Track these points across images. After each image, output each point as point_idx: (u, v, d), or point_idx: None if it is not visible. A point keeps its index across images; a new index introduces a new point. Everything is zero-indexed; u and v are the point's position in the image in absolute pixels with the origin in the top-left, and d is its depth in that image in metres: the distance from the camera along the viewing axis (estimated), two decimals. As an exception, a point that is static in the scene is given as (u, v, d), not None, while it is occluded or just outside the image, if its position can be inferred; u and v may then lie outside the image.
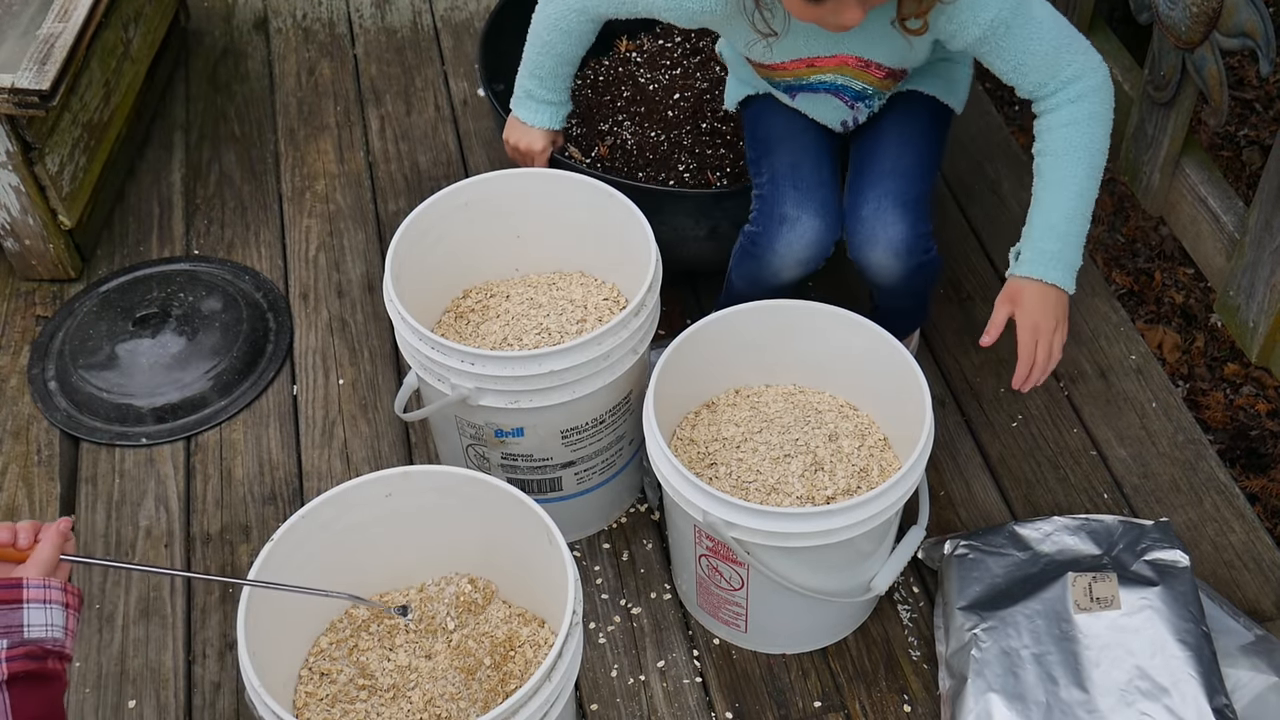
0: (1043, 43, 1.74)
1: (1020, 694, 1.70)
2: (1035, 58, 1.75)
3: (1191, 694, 1.67)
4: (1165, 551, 1.82)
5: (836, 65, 1.85)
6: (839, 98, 1.92)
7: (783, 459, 1.89)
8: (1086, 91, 1.77)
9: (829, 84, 1.89)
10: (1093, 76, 1.77)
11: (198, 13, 3.05)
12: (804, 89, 1.91)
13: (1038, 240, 1.79)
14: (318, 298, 2.45)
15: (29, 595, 1.29)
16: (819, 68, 1.86)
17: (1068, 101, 1.77)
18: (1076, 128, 1.77)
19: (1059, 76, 1.76)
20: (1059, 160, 1.78)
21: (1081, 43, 1.77)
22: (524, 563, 1.71)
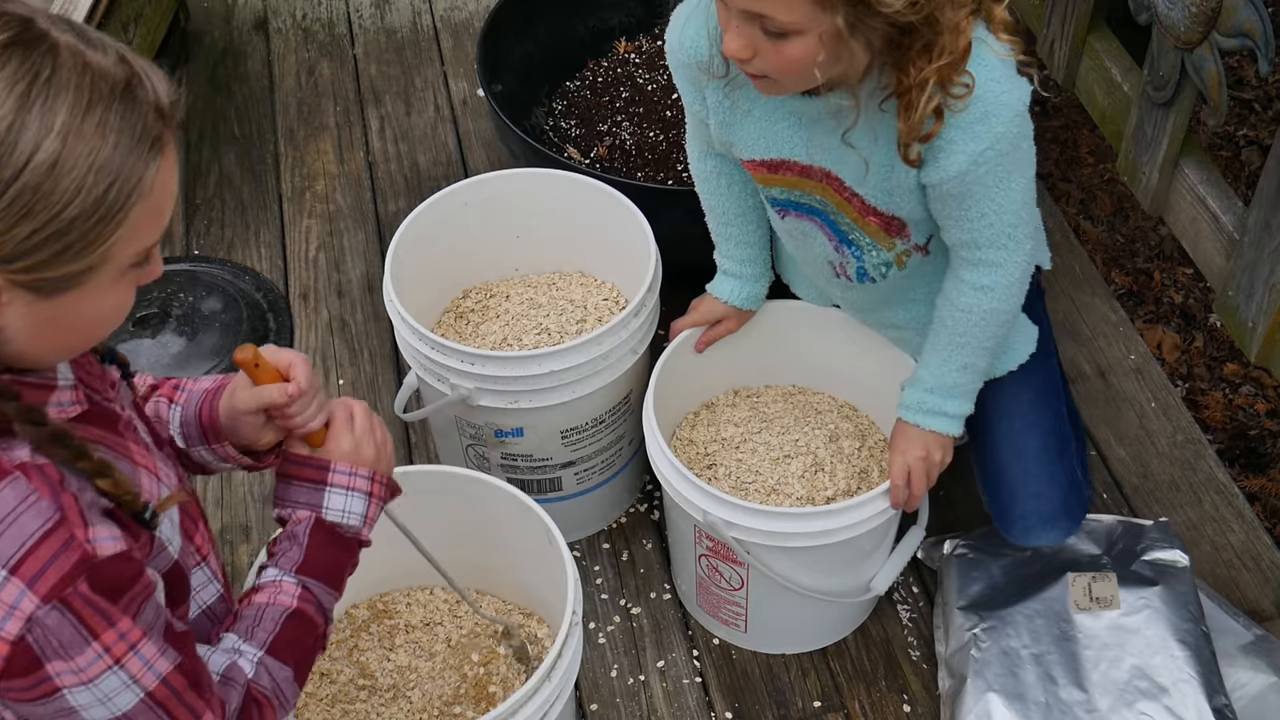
0: (996, 214, 1.58)
1: (1020, 694, 1.70)
2: (978, 222, 1.59)
3: (1191, 694, 1.67)
4: (1165, 551, 1.82)
5: (798, 176, 1.67)
6: (821, 229, 1.73)
7: (783, 460, 1.89)
8: (992, 285, 1.64)
9: (809, 206, 1.71)
10: (1008, 275, 1.64)
11: (197, 13, 3.05)
12: (789, 207, 1.73)
13: (916, 393, 1.74)
14: (318, 298, 2.45)
15: (333, 479, 1.30)
16: (789, 176, 1.68)
17: (973, 291, 1.65)
18: (971, 318, 1.67)
19: (981, 252, 1.62)
20: (947, 336, 1.70)
21: (1021, 233, 1.61)
22: (524, 563, 1.71)
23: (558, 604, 1.57)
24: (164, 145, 1.03)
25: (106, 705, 1.06)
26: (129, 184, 1.00)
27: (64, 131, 0.96)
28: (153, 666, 1.08)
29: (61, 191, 0.97)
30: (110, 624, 1.05)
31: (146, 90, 1.02)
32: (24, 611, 1.01)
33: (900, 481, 1.73)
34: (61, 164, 0.96)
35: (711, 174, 1.84)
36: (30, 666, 1.02)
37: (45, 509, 1.03)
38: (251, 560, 1.75)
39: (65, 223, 0.98)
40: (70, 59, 0.98)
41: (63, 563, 1.02)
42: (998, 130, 1.50)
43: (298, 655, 1.25)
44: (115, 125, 0.98)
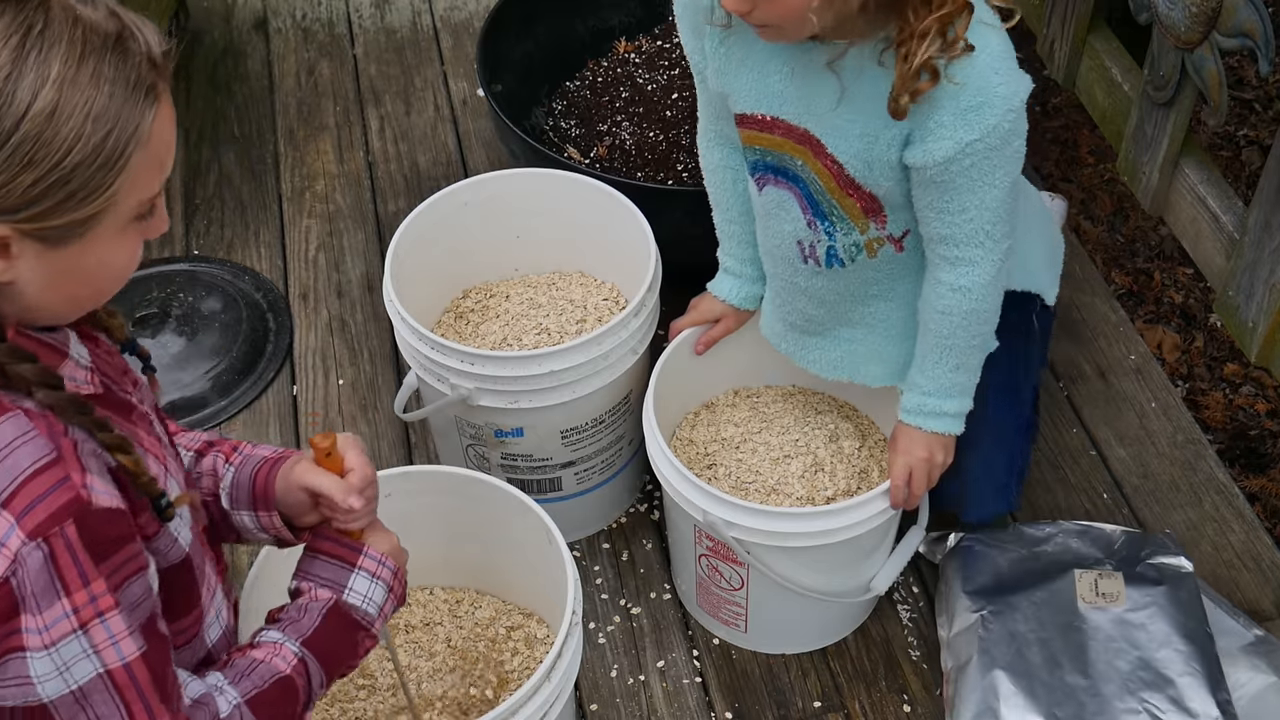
0: (978, 209, 1.57)
1: (1026, 672, 1.70)
2: (959, 216, 1.58)
3: (1195, 687, 1.67)
4: (1169, 558, 1.82)
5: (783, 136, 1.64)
6: (798, 200, 1.69)
7: (783, 459, 1.89)
8: (968, 285, 1.63)
9: (791, 173, 1.67)
10: (984, 273, 1.63)
11: (197, 13, 3.05)
12: (770, 171, 1.70)
13: (914, 394, 1.75)
14: (317, 298, 2.45)
15: (363, 563, 1.31)
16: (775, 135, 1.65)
17: (950, 292, 1.65)
18: (951, 319, 1.67)
19: (958, 250, 1.62)
20: (932, 339, 1.70)
21: (998, 232, 1.60)
22: (524, 563, 1.71)
23: (558, 604, 1.57)
24: (159, 94, 1.04)
25: (64, 676, 1.03)
26: (127, 130, 1.02)
27: (60, 81, 0.98)
28: (118, 643, 1.05)
29: (62, 139, 0.98)
30: (84, 583, 1.02)
31: (139, 42, 1.03)
32: (10, 549, 0.99)
33: (901, 482, 1.73)
34: (60, 112, 0.98)
35: (719, 166, 1.83)
36: (7, 614, 1.00)
37: (42, 445, 1.02)
38: (251, 560, 1.75)
39: (68, 170, 0.99)
40: (61, 13, 0.99)
41: (53, 500, 1.01)
42: (990, 122, 1.49)
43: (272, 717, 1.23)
44: (109, 75, 1.00)
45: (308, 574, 1.31)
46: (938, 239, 1.62)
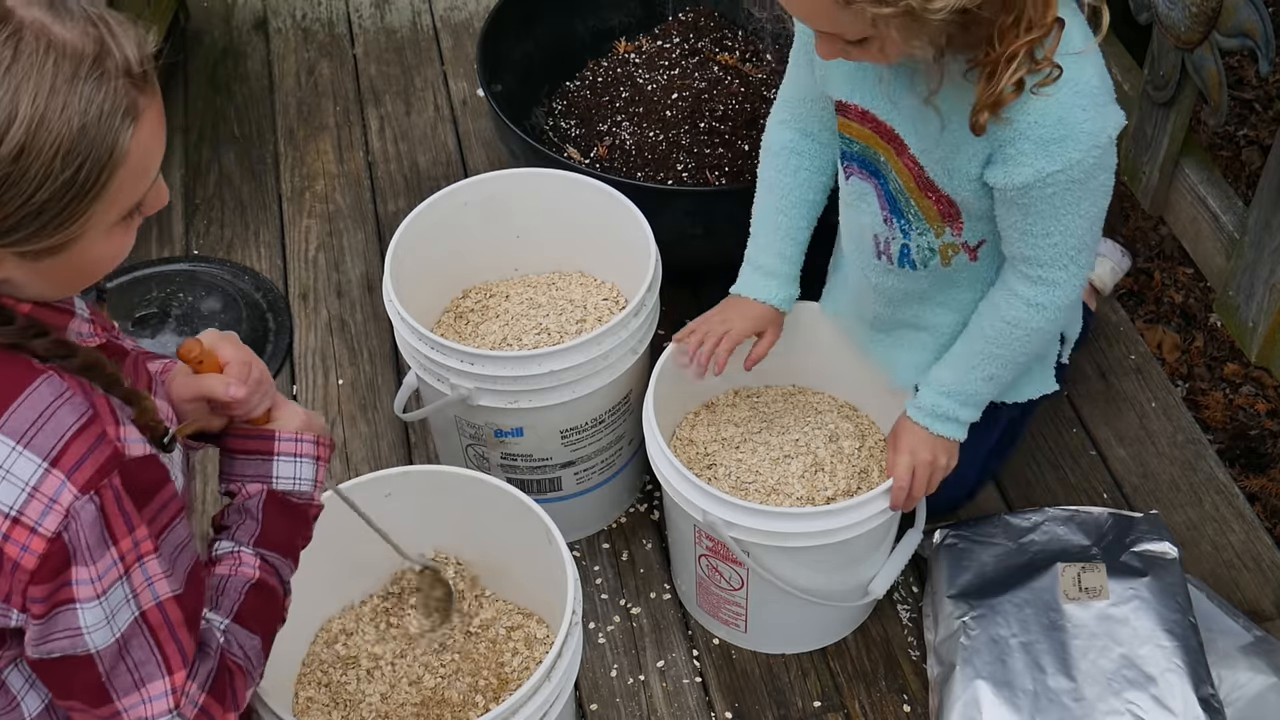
0: (1061, 235, 1.58)
1: (1008, 681, 1.71)
2: (1042, 240, 1.59)
3: (1178, 684, 1.67)
4: (1154, 543, 1.82)
5: (871, 130, 1.66)
6: (877, 194, 1.71)
7: (783, 459, 1.89)
8: (1046, 304, 1.65)
9: (873, 166, 1.69)
10: (1063, 295, 1.64)
11: (197, 13, 3.05)
12: (855, 161, 1.72)
13: (932, 393, 1.74)
14: (317, 298, 2.45)
15: (279, 448, 1.32)
16: (864, 128, 1.67)
17: (1026, 306, 1.65)
18: (1018, 331, 1.67)
19: (1040, 270, 1.62)
20: (984, 344, 1.70)
21: (1083, 258, 1.62)
22: (524, 563, 1.71)
23: (558, 604, 1.57)
24: (139, 110, 1.03)
25: (110, 624, 1.08)
26: (100, 161, 1.01)
27: (26, 120, 0.97)
28: (153, 584, 1.09)
29: (30, 178, 0.98)
30: (130, 529, 1.07)
31: (115, 58, 1.02)
32: (63, 504, 1.03)
33: (905, 483, 1.73)
34: (27, 152, 0.97)
35: (785, 149, 1.81)
36: (59, 569, 1.04)
37: (80, 404, 1.06)
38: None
39: (38, 205, 1.00)
40: (33, 41, 0.98)
41: (99, 455, 1.05)
42: (1073, 156, 1.50)
43: (264, 624, 1.26)
44: (80, 107, 0.99)
45: (231, 474, 1.32)
46: (1020, 258, 1.63)
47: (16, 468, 1.03)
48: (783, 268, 1.84)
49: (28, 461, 1.03)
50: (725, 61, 2.47)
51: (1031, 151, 1.50)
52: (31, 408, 1.04)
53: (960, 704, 1.71)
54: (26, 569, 1.04)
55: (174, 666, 1.13)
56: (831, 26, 1.45)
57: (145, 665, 1.11)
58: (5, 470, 1.03)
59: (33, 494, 1.03)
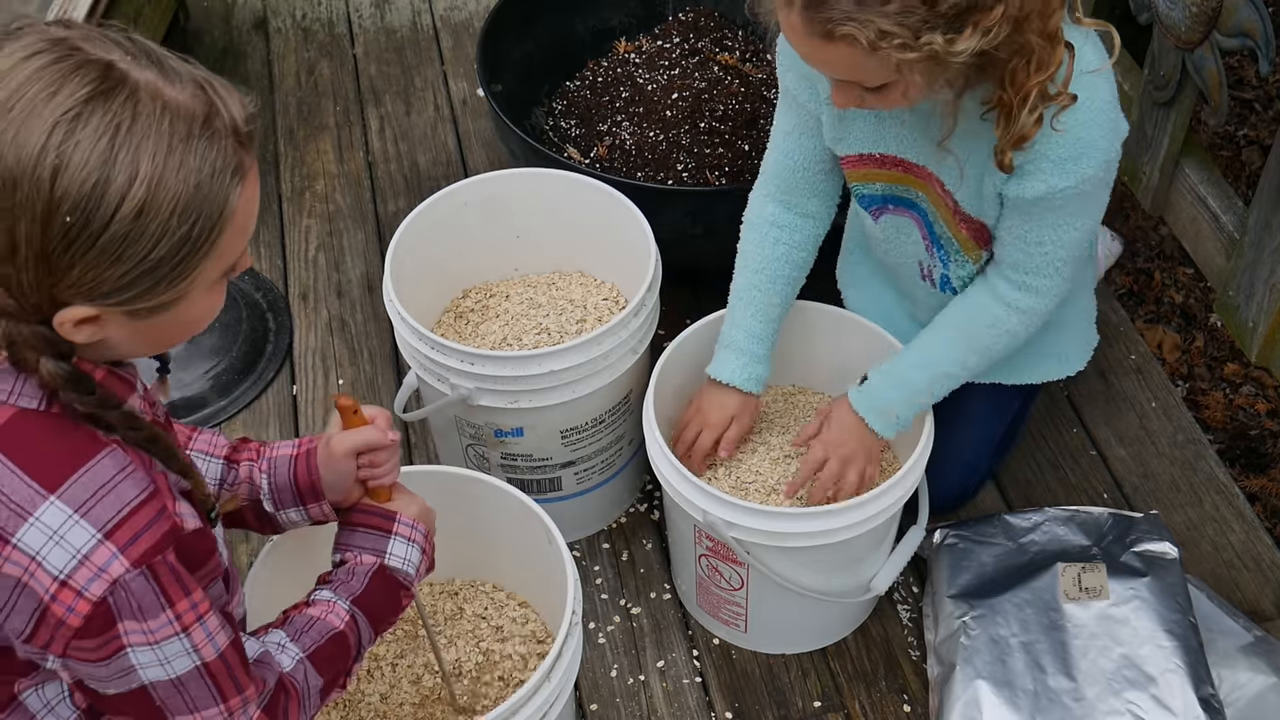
0: (1055, 244, 1.61)
1: (1008, 681, 1.71)
2: (1036, 248, 1.63)
3: (1178, 684, 1.67)
4: (1154, 543, 1.82)
5: (903, 173, 1.70)
6: (919, 226, 1.75)
7: (783, 460, 1.89)
8: (1026, 309, 1.67)
9: (910, 201, 1.73)
10: (1044, 304, 1.68)
11: (197, 13, 3.05)
12: (885, 203, 1.76)
13: (883, 385, 1.74)
14: (317, 298, 2.45)
15: (398, 529, 1.42)
16: (894, 171, 1.71)
17: (1005, 307, 1.68)
18: (993, 331, 1.69)
19: (1027, 277, 1.66)
20: (955, 336, 1.71)
21: (1068, 270, 1.65)
22: (524, 563, 1.71)
23: (558, 604, 1.57)
24: (245, 170, 1.07)
25: (165, 667, 1.12)
26: (213, 218, 1.05)
27: (147, 179, 1.00)
28: (214, 639, 1.14)
29: (149, 236, 1.02)
30: (186, 594, 1.11)
31: (224, 119, 1.06)
32: (111, 575, 1.06)
33: (811, 472, 1.74)
34: (147, 210, 1.01)
35: (766, 222, 1.82)
36: (105, 627, 1.07)
37: (141, 480, 1.09)
38: (251, 560, 1.75)
39: (154, 262, 1.03)
40: (149, 102, 1.01)
41: (155, 531, 1.08)
42: (1086, 173, 1.54)
43: (331, 672, 1.33)
44: (195, 165, 1.03)
45: (349, 545, 1.41)
46: (1009, 263, 1.66)
47: (71, 535, 1.05)
48: (753, 346, 1.82)
49: (82, 531, 1.06)
50: (725, 61, 2.47)
51: (1049, 169, 1.54)
52: (94, 478, 1.07)
53: (960, 704, 1.71)
54: (71, 627, 1.07)
55: (228, 695, 1.18)
56: (854, 74, 1.47)
57: (201, 698, 1.16)
58: (60, 536, 1.05)
59: (83, 562, 1.05)
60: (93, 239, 1.00)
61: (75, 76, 1.00)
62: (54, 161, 0.98)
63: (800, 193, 1.80)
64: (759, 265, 1.82)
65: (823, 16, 1.38)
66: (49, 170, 0.98)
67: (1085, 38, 1.52)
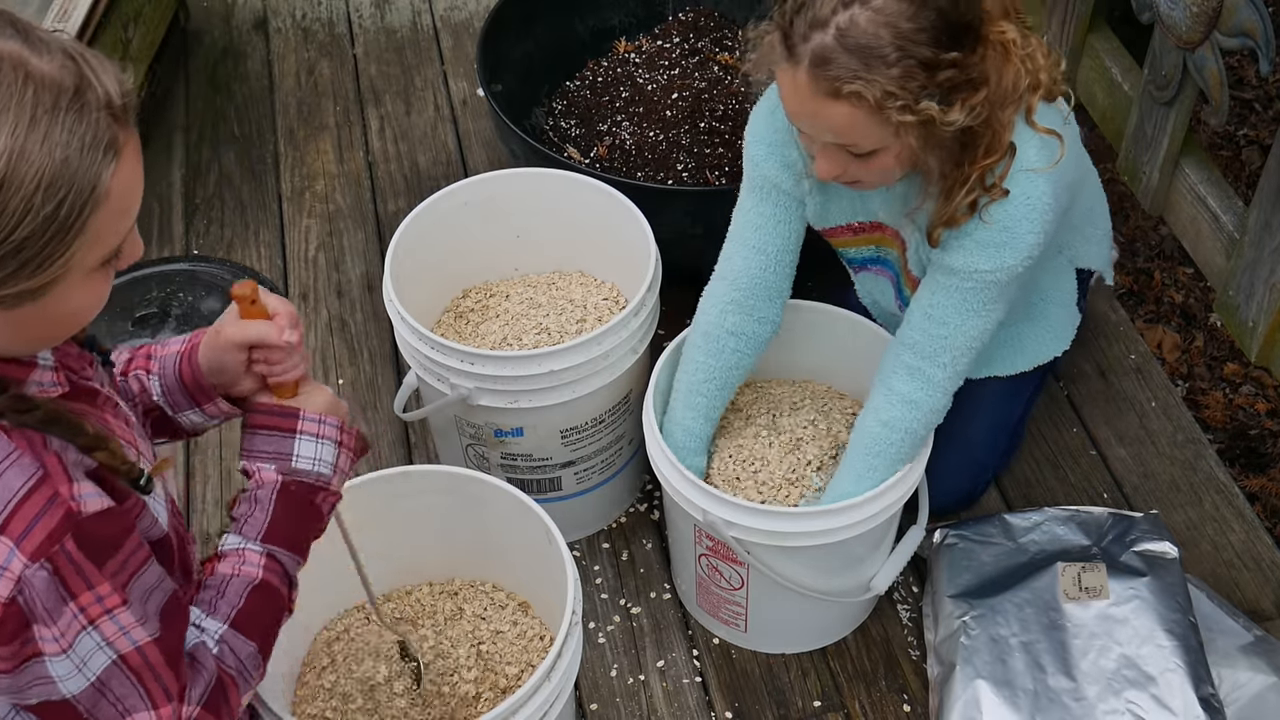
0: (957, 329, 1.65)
1: (1008, 681, 1.71)
2: (938, 328, 1.66)
3: (1178, 683, 1.67)
4: (1154, 543, 1.82)
5: (881, 234, 1.80)
6: (891, 283, 1.88)
7: (792, 449, 1.88)
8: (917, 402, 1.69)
9: (888, 261, 1.85)
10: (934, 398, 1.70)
11: (197, 13, 3.05)
12: (870, 263, 1.87)
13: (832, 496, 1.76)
14: (317, 298, 2.45)
15: (302, 427, 1.28)
16: (877, 235, 1.80)
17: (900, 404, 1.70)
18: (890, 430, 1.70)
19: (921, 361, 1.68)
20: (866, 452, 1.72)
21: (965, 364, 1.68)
22: (524, 562, 1.71)
23: (558, 604, 1.57)
24: (120, 146, 1.00)
25: (82, 672, 1.06)
26: (82, 196, 0.98)
27: (7, 152, 0.94)
28: (128, 632, 1.07)
29: (10, 213, 0.95)
30: (89, 586, 1.04)
31: (96, 92, 0.99)
32: (13, 572, 1.01)
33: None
34: (6, 185, 0.94)
35: (725, 334, 1.82)
36: (18, 631, 1.02)
37: (28, 465, 1.02)
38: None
39: (16, 244, 0.96)
40: (11, 73, 0.95)
41: (49, 520, 1.02)
42: (1007, 262, 1.60)
43: (262, 629, 1.23)
44: (62, 139, 0.96)
45: (251, 452, 1.29)
46: (908, 344, 1.69)
47: None
48: (690, 443, 1.83)
49: None
50: (725, 61, 2.47)
51: (970, 247, 1.60)
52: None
53: (960, 704, 1.71)
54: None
55: (159, 701, 1.11)
56: (850, 135, 1.51)
57: (128, 699, 1.10)
58: None
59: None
60: None
61: None
62: None
63: (762, 297, 1.81)
64: (709, 374, 1.83)
65: (831, 75, 1.44)
66: None
67: (1035, 140, 1.57)
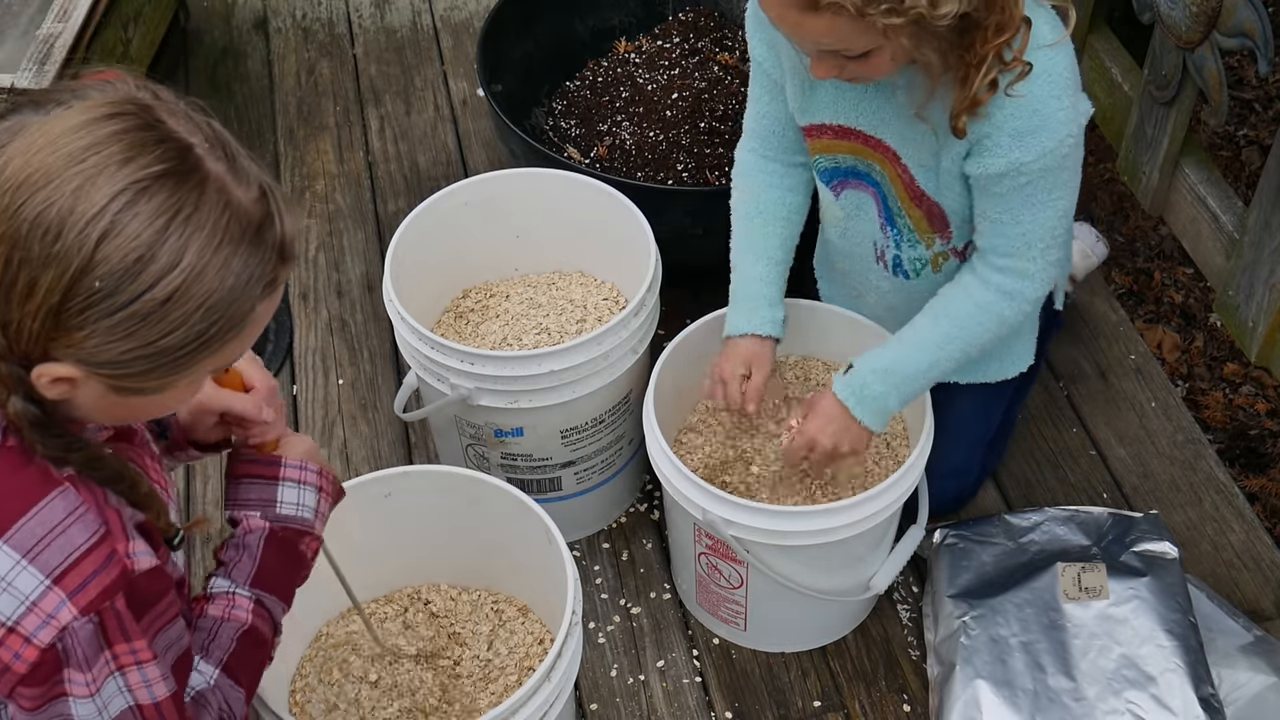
0: (1032, 223, 1.60)
1: (1008, 681, 1.71)
2: (1013, 228, 1.61)
3: (1178, 683, 1.67)
4: (1154, 543, 1.82)
5: (861, 145, 1.69)
6: (875, 202, 1.75)
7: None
8: (1014, 293, 1.66)
9: (870, 176, 1.73)
10: (1032, 287, 1.66)
11: (197, 13, 3.05)
12: (849, 175, 1.74)
13: (870, 375, 1.69)
14: (317, 298, 2.45)
15: (285, 474, 1.33)
16: (854, 143, 1.70)
17: (994, 292, 1.66)
18: (983, 317, 1.67)
19: (1010, 260, 1.64)
20: (945, 324, 1.68)
21: (1053, 254, 1.64)
22: (524, 563, 1.71)
23: (558, 604, 1.57)
24: (276, 285, 1.06)
25: (102, 715, 1.09)
26: (232, 322, 1.04)
27: (189, 269, 0.99)
28: (151, 686, 1.11)
29: (169, 322, 1.00)
30: (127, 639, 1.08)
31: (275, 232, 1.05)
32: (60, 621, 1.04)
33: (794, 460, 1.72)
34: (176, 298, 1.00)
35: (756, 170, 1.81)
36: (51, 674, 1.05)
37: (92, 523, 1.06)
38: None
39: (160, 349, 1.01)
40: (215, 195, 1.01)
41: (104, 577, 1.06)
42: (1045, 145, 1.54)
43: (250, 674, 1.28)
44: (236, 268, 1.02)
45: (237, 500, 1.34)
46: (990, 249, 1.65)
47: (19, 581, 1.04)
48: (759, 290, 1.80)
49: (30, 577, 1.04)
50: (725, 61, 2.47)
51: (1007, 143, 1.54)
52: (42, 522, 1.04)
53: (960, 704, 1.71)
54: (17, 673, 1.05)
55: None
56: (838, 43, 1.46)
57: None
58: (7, 583, 1.04)
59: (31, 608, 1.04)
60: (113, 310, 0.98)
61: (155, 150, 0.99)
62: (107, 225, 0.97)
63: (784, 148, 1.80)
64: (753, 209, 1.80)
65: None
66: (99, 231, 0.97)
67: (1041, 12, 1.53)
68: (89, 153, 0.98)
